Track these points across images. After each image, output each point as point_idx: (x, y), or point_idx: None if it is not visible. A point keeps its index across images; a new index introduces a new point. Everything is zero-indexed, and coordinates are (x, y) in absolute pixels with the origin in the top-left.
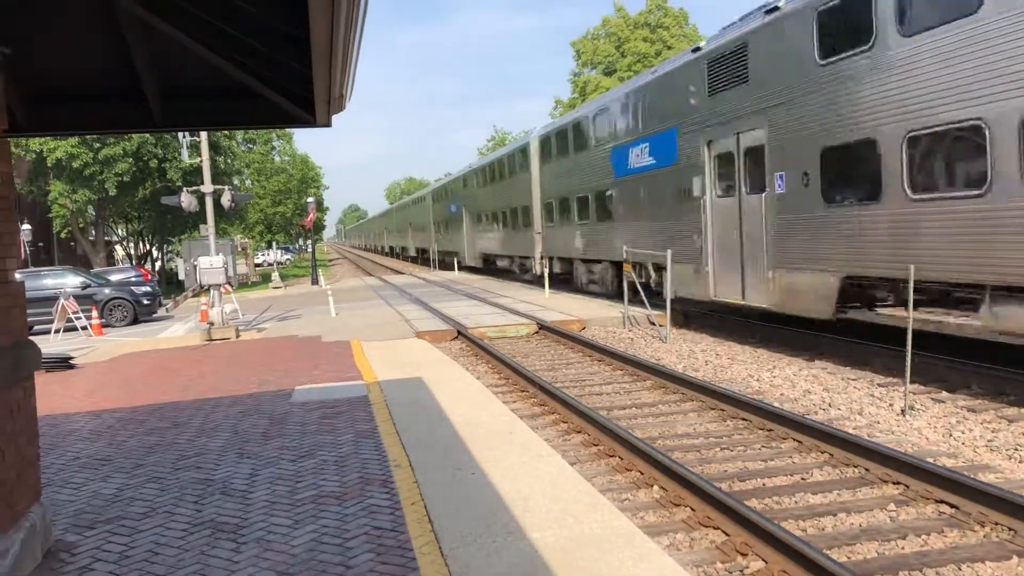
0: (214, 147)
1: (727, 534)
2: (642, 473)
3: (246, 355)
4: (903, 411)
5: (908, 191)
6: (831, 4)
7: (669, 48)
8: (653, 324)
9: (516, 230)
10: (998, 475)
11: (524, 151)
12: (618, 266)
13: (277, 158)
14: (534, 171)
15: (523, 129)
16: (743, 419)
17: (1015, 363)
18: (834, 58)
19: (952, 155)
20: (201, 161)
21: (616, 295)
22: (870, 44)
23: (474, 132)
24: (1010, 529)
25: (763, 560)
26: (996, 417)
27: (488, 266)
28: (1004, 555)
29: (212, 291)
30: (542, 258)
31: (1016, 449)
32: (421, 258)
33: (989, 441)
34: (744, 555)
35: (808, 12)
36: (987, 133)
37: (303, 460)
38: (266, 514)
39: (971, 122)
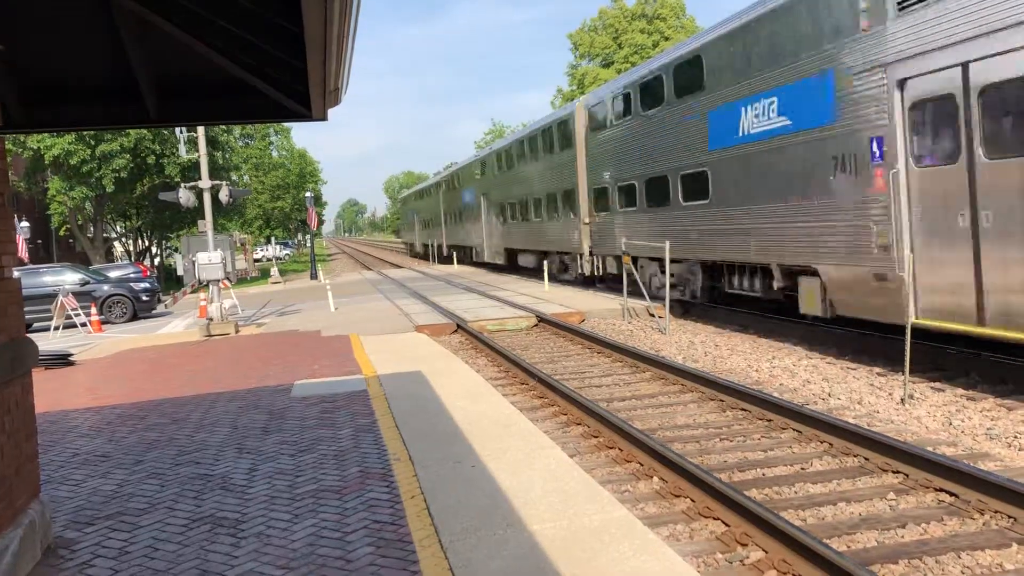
0: (212, 143)
1: (727, 524)
2: (642, 464)
3: (245, 350)
4: (902, 400)
5: None
6: None
7: (667, 39)
8: (652, 316)
9: (553, 220)
10: (997, 463)
11: (565, 125)
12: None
13: (275, 153)
14: (579, 148)
15: (522, 122)
16: (743, 409)
17: (1014, 351)
18: None
19: None
20: (199, 157)
21: (710, 303)
22: None
23: (473, 125)
24: (1010, 517)
25: (763, 550)
26: (995, 405)
27: (513, 263)
28: (1004, 543)
29: (211, 287)
30: (591, 255)
31: (1015, 437)
32: (426, 254)
33: (988, 429)
34: (744, 545)
35: None
36: None
37: (303, 455)
38: (266, 509)
39: None
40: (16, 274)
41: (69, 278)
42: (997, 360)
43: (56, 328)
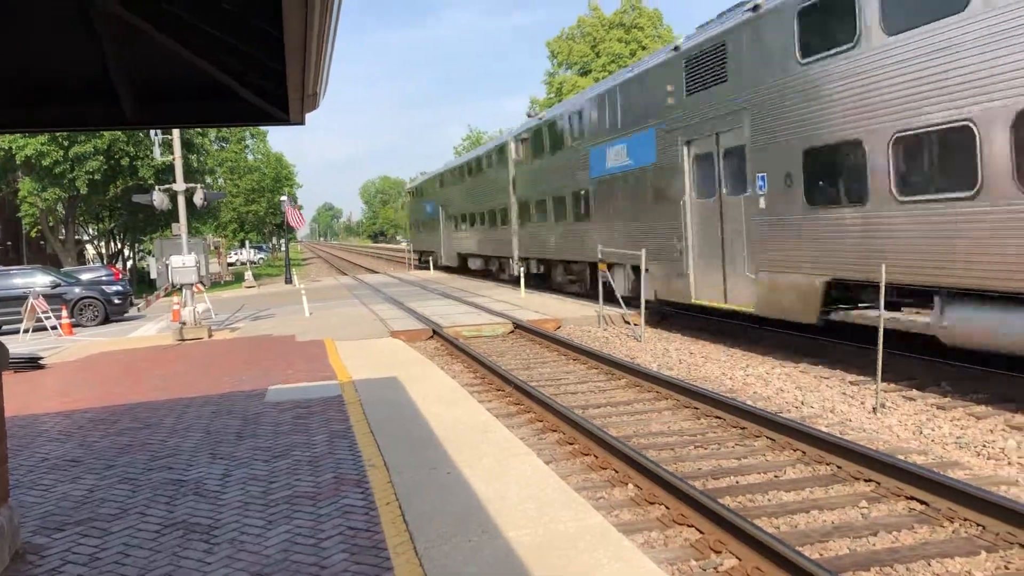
0: (187, 145)
1: (701, 532)
2: (617, 471)
3: (219, 355)
4: (874, 409)
5: None
6: None
7: (644, 48)
8: (628, 323)
9: None
10: (967, 472)
11: None
12: None
13: (251, 157)
14: None
15: (501, 128)
16: (717, 417)
17: (984, 362)
18: None
19: None
20: (173, 159)
21: None
22: None
23: (450, 131)
24: (978, 525)
25: (737, 557)
26: (965, 415)
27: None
28: (973, 550)
29: (184, 290)
30: None
31: (984, 446)
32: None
33: (958, 438)
34: (718, 552)
35: None
36: None
37: (276, 460)
38: (239, 515)
39: None
40: None
41: (40, 280)
42: (967, 370)
43: (26, 331)
